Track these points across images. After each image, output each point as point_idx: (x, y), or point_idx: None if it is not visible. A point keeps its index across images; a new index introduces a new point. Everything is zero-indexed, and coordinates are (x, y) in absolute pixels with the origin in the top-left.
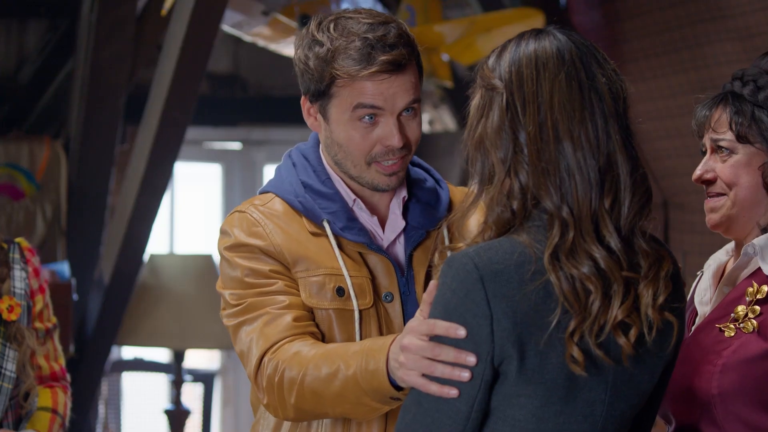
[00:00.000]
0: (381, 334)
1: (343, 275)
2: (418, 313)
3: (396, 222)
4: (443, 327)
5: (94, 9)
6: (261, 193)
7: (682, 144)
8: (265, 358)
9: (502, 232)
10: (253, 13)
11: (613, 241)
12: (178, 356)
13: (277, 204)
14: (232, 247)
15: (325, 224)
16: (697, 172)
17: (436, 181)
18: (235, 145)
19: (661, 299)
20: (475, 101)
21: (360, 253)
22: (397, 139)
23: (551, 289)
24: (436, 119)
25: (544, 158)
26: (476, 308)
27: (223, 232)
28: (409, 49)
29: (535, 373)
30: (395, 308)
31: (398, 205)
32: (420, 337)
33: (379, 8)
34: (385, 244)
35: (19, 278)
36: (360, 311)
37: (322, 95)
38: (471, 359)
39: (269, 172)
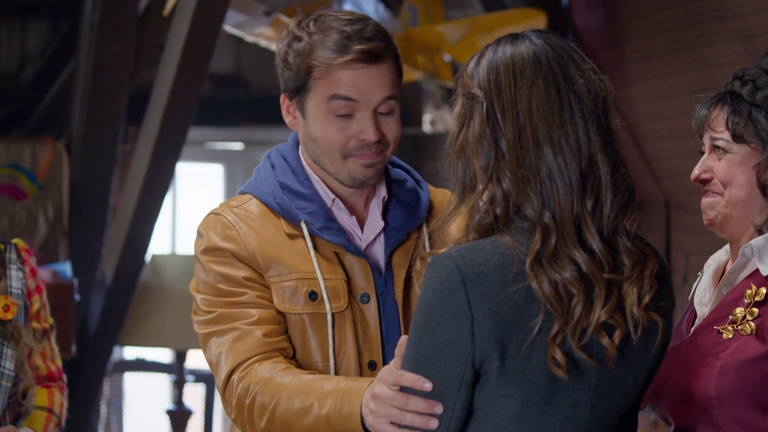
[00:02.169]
0: (356, 335)
1: (317, 279)
2: (391, 363)
3: (375, 222)
4: (410, 379)
5: (96, 9)
6: (240, 193)
7: (683, 144)
8: (234, 376)
9: (484, 236)
10: (255, 14)
11: (595, 244)
12: (180, 356)
13: (254, 205)
14: (206, 251)
15: (303, 225)
16: (695, 171)
17: (417, 182)
18: (237, 146)
19: (647, 298)
20: (457, 109)
21: (336, 254)
22: (372, 133)
23: (533, 291)
24: (438, 119)
25: (525, 165)
26: (457, 309)
27: (199, 234)
28: (386, 44)
29: (516, 374)
30: (371, 309)
31: (378, 205)
32: (390, 387)
33: (381, 9)
34: (363, 244)
35: (15, 278)
36: (333, 314)
37: (299, 90)
38: (438, 409)
39: None
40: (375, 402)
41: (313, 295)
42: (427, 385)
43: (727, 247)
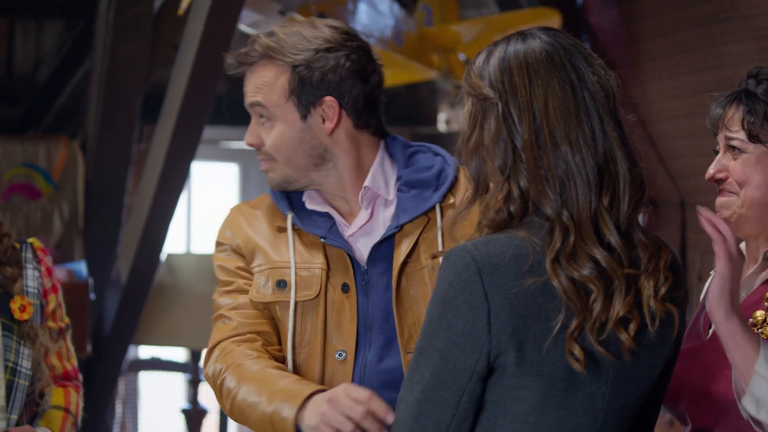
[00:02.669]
0: (325, 324)
1: (289, 268)
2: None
3: (361, 214)
4: (380, 408)
5: (111, 8)
6: None
7: (698, 144)
8: (215, 352)
9: (497, 231)
10: (270, 13)
11: (613, 239)
12: (195, 355)
13: (267, 202)
14: (216, 244)
15: (288, 217)
16: (710, 171)
17: (445, 159)
18: None
19: (662, 290)
20: (468, 109)
21: (323, 245)
22: (246, 137)
23: (551, 286)
24: (453, 118)
25: (543, 165)
26: (473, 300)
27: (218, 230)
28: (265, 51)
29: (534, 366)
30: (351, 299)
31: (366, 199)
32: (352, 398)
33: (396, 8)
34: (346, 234)
35: (31, 277)
36: (299, 303)
37: None
38: None
39: None
40: (329, 405)
41: (281, 284)
42: (389, 418)
43: (741, 246)
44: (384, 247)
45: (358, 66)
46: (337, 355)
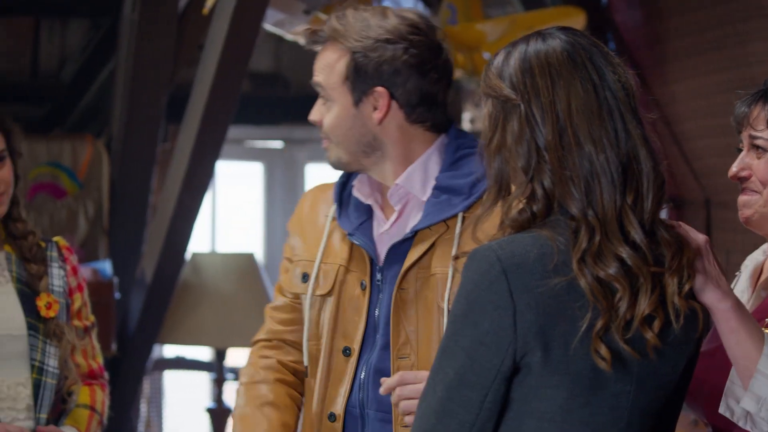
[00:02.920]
0: (336, 319)
1: (315, 261)
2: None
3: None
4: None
5: (135, 8)
6: None
7: (723, 142)
8: (251, 353)
9: (519, 231)
10: (295, 12)
11: (638, 237)
12: (220, 354)
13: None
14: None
15: (332, 208)
16: (733, 169)
17: None
18: (277, 144)
19: (686, 287)
20: (488, 110)
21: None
22: (310, 114)
23: (576, 285)
24: (477, 118)
25: (567, 165)
26: (499, 300)
27: None
28: (331, 33)
29: (560, 365)
30: (365, 297)
31: (397, 196)
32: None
33: (420, 7)
34: (380, 230)
35: (57, 276)
36: (316, 297)
37: None
38: None
39: (311, 170)
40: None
41: (305, 277)
42: None
43: (764, 246)
44: (402, 249)
45: (417, 60)
46: (343, 352)
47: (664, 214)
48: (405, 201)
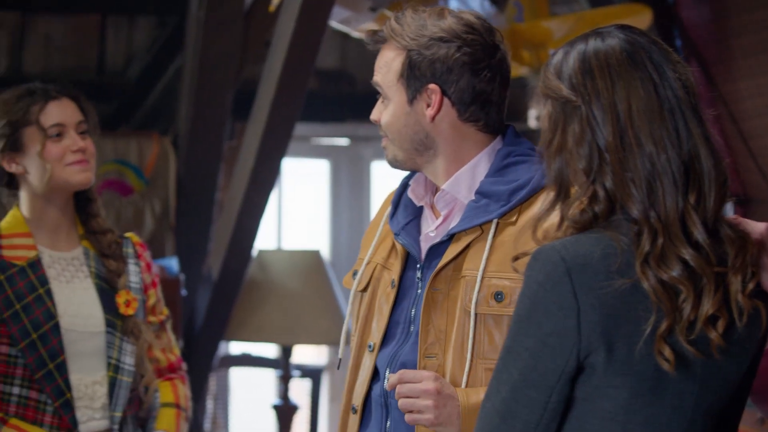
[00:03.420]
0: (366, 316)
1: (363, 258)
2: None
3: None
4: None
5: (202, 6)
6: None
7: None
8: None
9: (581, 232)
10: (361, 9)
11: (701, 237)
12: (286, 351)
13: None
14: None
15: (390, 209)
16: None
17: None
18: (343, 141)
19: (750, 285)
20: (548, 111)
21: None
22: (372, 113)
23: (640, 287)
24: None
25: (629, 167)
26: (563, 301)
27: None
28: (389, 32)
29: (623, 365)
30: (392, 295)
31: (443, 200)
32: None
33: (487, 5)
34: (427, 230)
35: (133, 272)
36: (356, 293)
37: None
38: None
39: (377, 167)
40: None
41: (354, 274)
42: None
43: None
44: (441, 250)
45: (470, 58)
46: (368, 346)
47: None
48: (452, 206)
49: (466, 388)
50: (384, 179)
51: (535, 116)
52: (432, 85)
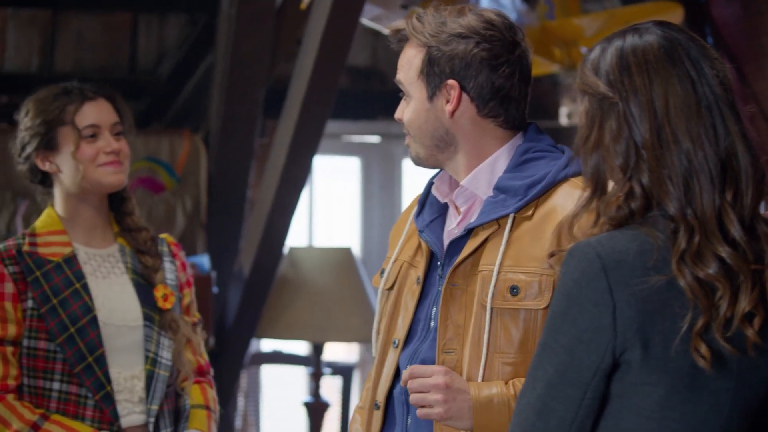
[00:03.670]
0: (392, 314)
1: (391, 257)
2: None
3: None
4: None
5: (233, 3)
6: None
7: None
8: None
9: (617, 228)
10: (392, 7)
11: (738, 235)
12: (317, 349)
13: None
14: None
15: (416, 207)
16: None
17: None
18: (374, 139)
19: None
20: (585, 107)
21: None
22: (396, 111)
23: (676, 284)
24: (574, 112)
25: (666, 163)
26: (599, 297)
27: None
28: (410, 31)
29: (659, 362)
30: (417, 291)
31: (463, 197)
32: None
33: (518, 2)
34: (450, 226)
35: (169, 270)
36: (384, 291)
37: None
38: None
39: (408, 165)
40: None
41: (382, 273)
42: None
43: None
44: (460, 246)
45: (488, 54)
46: (393, 343)
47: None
48: (472, 202)
49: (478, 382)
50: (415, 176)
51: (566, 113)
52: (451, 81)
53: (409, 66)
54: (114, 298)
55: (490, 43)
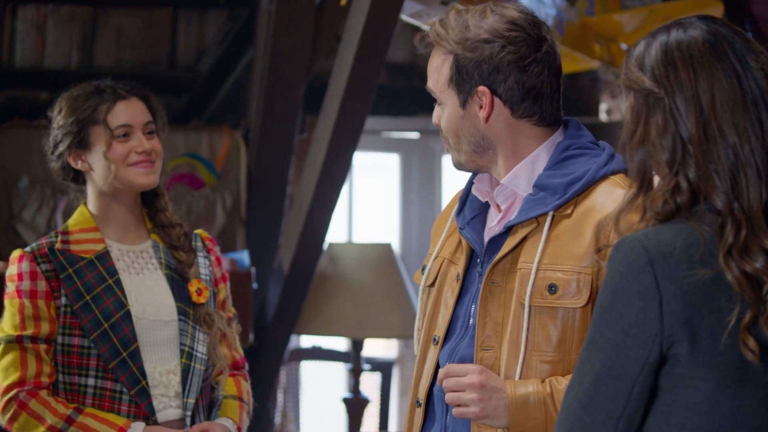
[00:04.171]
0: (433, 310)
1: (432, 254)
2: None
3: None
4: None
5: None
6: None
7: None
8: None
9: (664, 222)
10: (432, 3)
11: None
12: (357, 345)
13: None
14: None
15: (457, 205)
16: None
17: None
18: (414, 135)
19: None
20: (630, 103)
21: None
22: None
23: (721, 275)
24: (614, 108)
25: (712, 158)
26: (645, 290)
27: None
28: (434, 37)
29: (707, 356)
30: (457, 289)
31: (503, 195)
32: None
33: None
34: (487, 226)
35: (203, 265)
36: (425, 288)
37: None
38: None
39: (447, 161)
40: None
41: (423, 269)
42: None
43: None
44: (499, 243)
45: (515, 56)
46: (433, 340)
47: None
48: (512, 200)
49: (514, 380)
50: (454, 172)
51: (605, 110)
52: (481, 87)
53: (438, 74)
54: (147, 293)
55: (515, 44)
